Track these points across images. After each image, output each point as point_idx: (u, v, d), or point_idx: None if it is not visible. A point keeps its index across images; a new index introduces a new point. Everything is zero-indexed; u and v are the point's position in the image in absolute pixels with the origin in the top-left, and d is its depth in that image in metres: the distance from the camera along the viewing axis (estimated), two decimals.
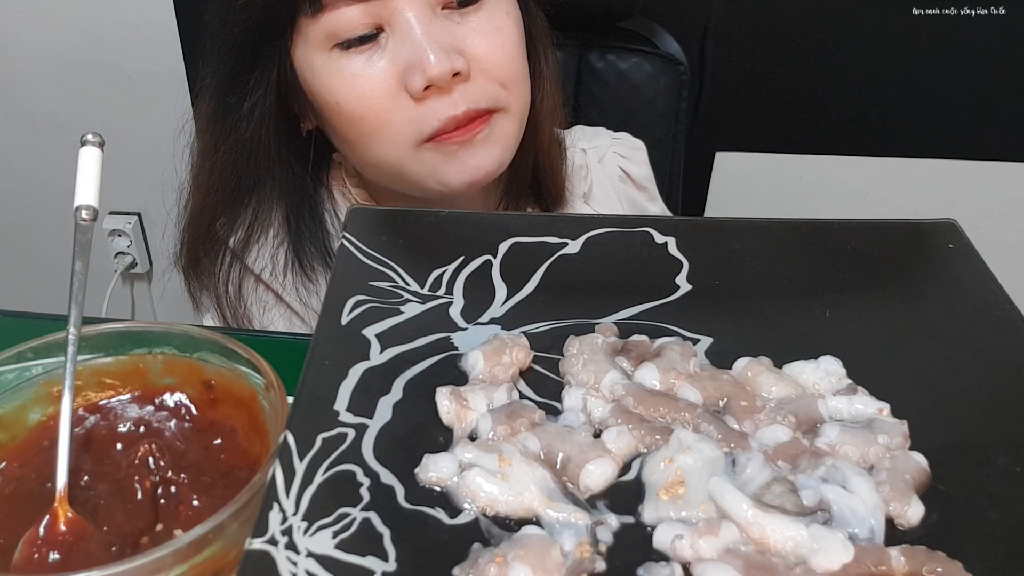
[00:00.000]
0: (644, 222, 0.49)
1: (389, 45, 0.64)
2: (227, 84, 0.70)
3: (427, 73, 0.62)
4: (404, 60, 0.64)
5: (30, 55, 1.38)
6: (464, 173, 0.67)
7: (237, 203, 0.75)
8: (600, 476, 0.35)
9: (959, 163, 1.23)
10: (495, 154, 0.68)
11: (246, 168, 0.73)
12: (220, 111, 0.72)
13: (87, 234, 0.46)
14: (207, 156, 0.74)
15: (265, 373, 0.45)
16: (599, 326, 0.43)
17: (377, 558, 0.32)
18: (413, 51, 0.63)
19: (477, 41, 0.65)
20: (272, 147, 0.72)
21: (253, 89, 0.69)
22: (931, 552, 0.31)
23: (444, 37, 0.64)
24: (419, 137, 0.66)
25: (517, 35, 0.68)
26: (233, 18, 0.67)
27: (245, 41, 0.68)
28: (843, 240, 0.47)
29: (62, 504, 0.40)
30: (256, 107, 0.70)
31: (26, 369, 0.47)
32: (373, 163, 0.71)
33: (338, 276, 0.45)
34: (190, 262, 0.77)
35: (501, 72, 0.67)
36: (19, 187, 1.52)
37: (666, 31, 1.02)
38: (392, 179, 0.71)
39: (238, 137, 0.71)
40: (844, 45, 1.16)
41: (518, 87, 0.69)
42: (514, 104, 0.68)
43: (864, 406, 0.38)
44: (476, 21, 0.66)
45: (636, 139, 0.89)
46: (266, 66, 0.69)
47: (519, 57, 0.69)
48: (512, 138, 0.70)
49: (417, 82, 0.63)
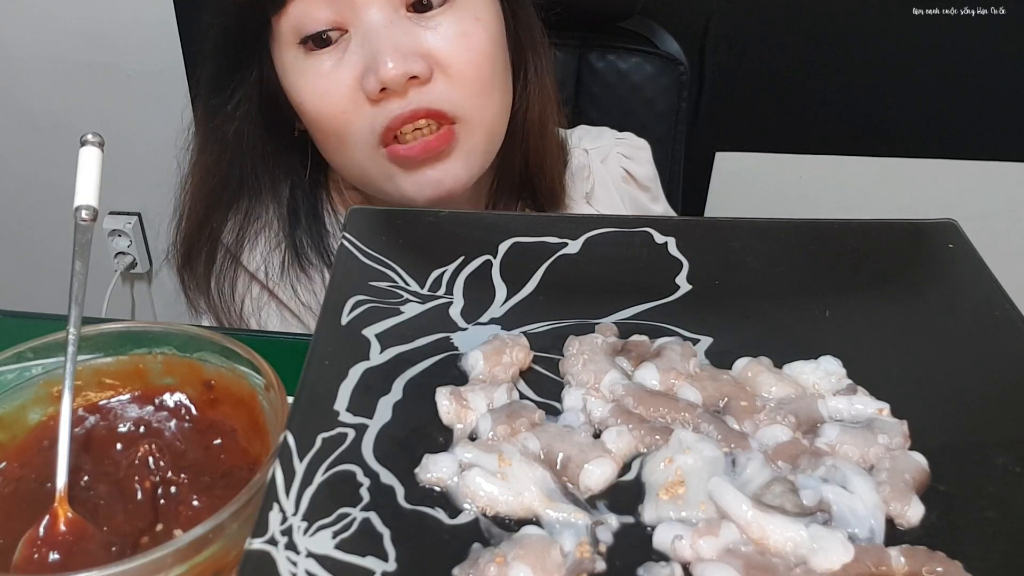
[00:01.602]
0: (644, 222, 0.49)
1: (351, 47, 0.64)
2: (211, 86, 0.71)
3: (380, 75, 0.61)
4: (363, 62, 0.63)
5: (30, 55, 1.38)
6: (425, 187, 0.66)
7: (228, 203, 0.75)
8: (600, 476, 0.35)
9: (959, 163, 1.23)
10: (456, 168, 0.67)
11: (231, 169, 0.73)
12: (208, 111, 0.72)
13: (87, 234, 0.46)
14: (199, 156, 0.75)
15: (265, 373, 0.45)
16: (599, 326, 0.43)
17: (377, 558, 0.32)
18: (371, 53, 0.62)
19: (440, 45, 0.64)
20: (259, 148, 0.72)
21: (235, 90, 0.70)
22: (931, 552, 0.31)
23: (404, 40, 0.62)
24: (374, 138, 0.65)
25: (486, 41, 0.66)
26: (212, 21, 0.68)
27: (224, 43, 0.69)
28: (843, 240, 0.47)
29: (62, 504, 0.40)
30: (239, 108, 0.70)
31: (26, 369, 0.47)
32: (340, 166, 0.71)
33: (338, 276, 0.45)
34: (184, 262, 0.77)
35: (465, 79, 0.65)
36: (19, 187, 1.52)
37: (666, 31, 1.02)
38: (361, 184, 0.71)
39: (222, 138, 0.71)
40: (844, 45, 1.16)
41: (484, 97, 0.66)
42: (477, 116, 0.66)
43: (864, 406, 0.38)
44: (442, 25, 0.64)
45: (640, 139, 0.88)
46: (247, 68, 0.69)
47: (486, 64, 0.66)
48: (478, 152, 0.68)
49: (371, 84, 0.62)
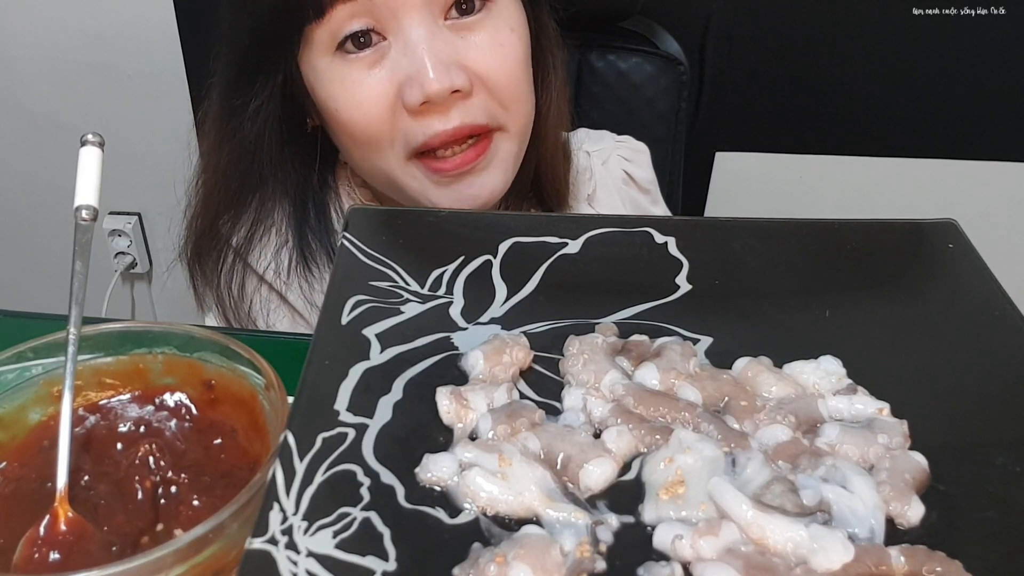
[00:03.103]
0: (644, 222, 0.49)
1: (391, 55, 0.64)
2: (232, 86, 0.71)
3: (425, 89, 0.62)
4: (404, 72, 0.63)
5: (30, 55, 1.38)
6: (463, 203, 0.67)
7: (240, 201, 0.75)
8: (600, 476, 0.35)
9: (959, 163, 1.23)
10: (494, 180, 0.68)
11: (249, 168, 0.73)
12: (226, 112, 0.72)
13: (87, 234, 0.46)
14: (211, 155, 0.75)
15: (265, 373, 0.45)
16: (599, 326, 0.43)
17: (377, 558, 0.32)
18: (413, 64, 0.62)
19: (479, 57, 0.64)
20: (275, 148, 0.72)
21: (258, 92, 0.70)
22: (931, 552, 0.31)
23: (446, 51, 0.63)
24: (407, 150, 0.65)
25: (521, 51, 0.67)
26: (240, 24, 0.68)
27: (252, 47, 0.68)
28: (843, 240, 0.47)
29: (62, 504, 0.40)
30: (261, 110, 0.70)
31: (26, 369, 0.47)
32: (368, 171, 0.71)
33: (338, 276, 0.45)
34: (194, 257, 0.77)
35: (502, 90, 0.66)
36: (19, 187, 1.52)
37: (666, 31, 1.02)
38: (388, 189, 0.72)
39: (242, 138, 0.71)
40: (844, 45, 1.16)
41: (518, 105, 0.68)
42: (513, 124, 0.67)
43: (864, 406, 0.38)
44: (480, 37, 0.65)
45: (639, 142, 0.89)
46: (272, 71, 0.69)
47: (523, 75, 0.68)
48: (512, 159, 0.69)
49: (414, 96, 0.62)
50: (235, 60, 0.70)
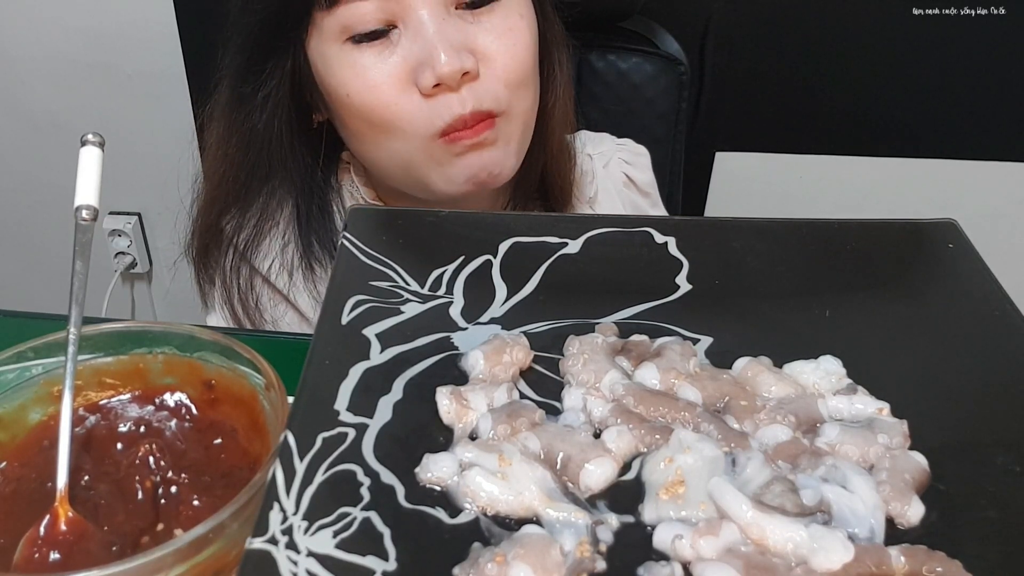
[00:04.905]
0: (644, 222, 0.49)
1: (401, 42, 0.65)
2: (242, 73, 0.71)
3: (437, 71, 0.63)
4: (415, 57, 0.64)
5: (30, 55, 1.38)
6: (470, 170, 0.68)
7: (247, 194, 0.76)
8: (600, 476, 0.35)
9: (959, 163, 1.23)
10: (500, 156, 0.68)
11: (258, 157, 0.74)
12: (235, 100, 0.73)
13: (87, 234, 0.46)
14: (220, 145, 0.75)
15: (265, 373, 0.45)
16: (599, 326, 0.43)
17: (377, 557, 0.32)
18: (424, 48, 0.64)
19: (488, 41, 0.66)
20: (284, 138, 0.73)
21: (267, 79, 0.70)
22: (931, 552, 0.31)
23: (456, 36, 0.64)
24: (431, 130, 0.66)
25: (529, 38, 0.69)
26: (250, 8, 0.68)
27: (261, 32, 0.69)
28: (843, 240, 0.47)
29: (62, 504, 0.40)
30: (270, 97, 0.71)
31: (26, 369, 0.47)
32: (382, 158, 0.71)
33: (338, 276, 0.45)
34: (200, 252, 0.78)
35: (509, 73, 0.67)
36: (19, 187, 1.52)
37: (666, 31, 1.02)
38: (400, 176, 0.72)
39: (251, 126, 0.72)
40: (844, 45, 1.16)
41: (524, 91, 0.69)
42: (516, 106, 0.69)
43: (864, 406, 0.38)
44: (489, 21, 0.66)
45: (640, 145, 0.90)
46: (281, 57, 0.69)
47: (529, 60, 0.69)
48: (516, 140, 0.70)
49: (427, 79, 0.64)
50: (245, 47, 0.71)
